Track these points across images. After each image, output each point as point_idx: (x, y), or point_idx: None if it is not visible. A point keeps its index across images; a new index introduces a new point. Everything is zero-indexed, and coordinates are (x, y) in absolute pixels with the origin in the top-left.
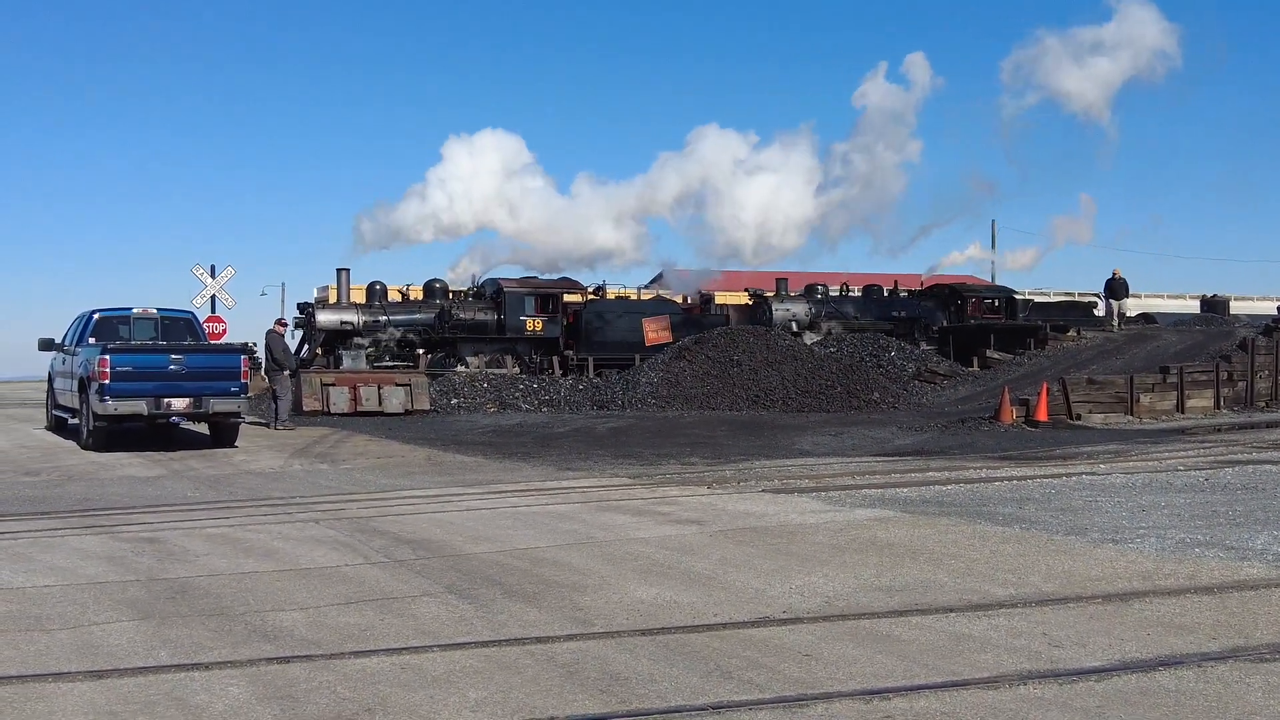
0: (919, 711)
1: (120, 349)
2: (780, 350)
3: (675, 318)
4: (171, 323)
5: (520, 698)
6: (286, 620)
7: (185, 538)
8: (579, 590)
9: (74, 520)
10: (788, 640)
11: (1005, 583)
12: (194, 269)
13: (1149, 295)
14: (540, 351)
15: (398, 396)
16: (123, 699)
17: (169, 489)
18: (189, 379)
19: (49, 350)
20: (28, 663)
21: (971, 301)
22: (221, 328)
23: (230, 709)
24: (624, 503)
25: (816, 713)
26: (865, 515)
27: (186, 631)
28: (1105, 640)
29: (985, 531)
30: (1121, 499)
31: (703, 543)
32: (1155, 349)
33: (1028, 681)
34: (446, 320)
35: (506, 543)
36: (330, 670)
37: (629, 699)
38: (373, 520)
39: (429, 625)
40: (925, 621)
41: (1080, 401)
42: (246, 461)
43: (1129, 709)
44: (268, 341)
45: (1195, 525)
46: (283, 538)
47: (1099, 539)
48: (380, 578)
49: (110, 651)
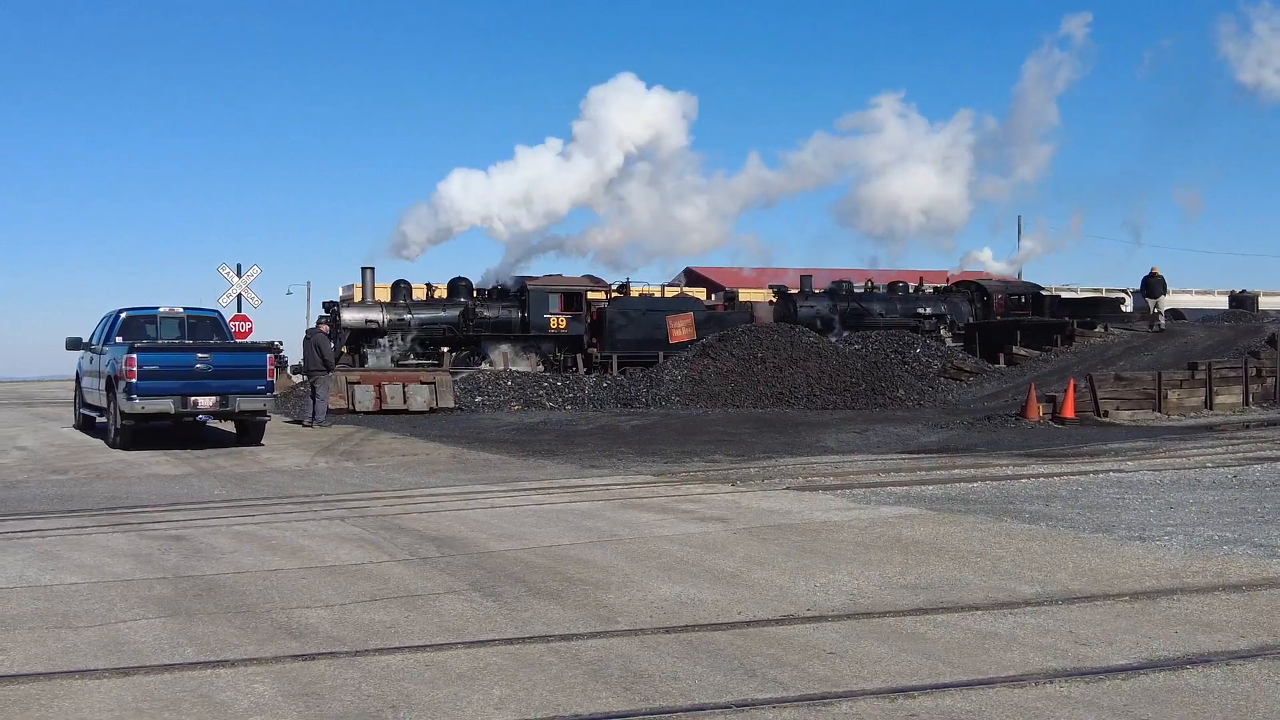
0: (944, 710)
1: (147, 348)
2: (804, 347)
3: (699, 315)
4: (198, 322)
5: (544, 695)
6: (312, 617)
7: (211, 535)
8: (603, 588)
9: (101, 518)
10: (812, 638)
11: (1032, 581)
12: (220, 268)
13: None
14: (564, 349)
15: (423, 394)
16: (149, 696)
17: (195, 487)
18: (215, 378)
19: (77, 349)
20: (55, 660)
21: (998, 298)
22: (247, 327)
23: (256, 706)
24: (648, 500)
25: (841, 711)
26: (890, 513)
27: (212, 629)
28: (1133, 639)
29: (1011, 529)
30: (1149, 496)
31: (727, 540)
32: (1183, 345)
33: (1054, 680)
34: (471, 318)
35: (530, 540)
36: (355, 667)
37: (653, 697)
38: (397, 517)
39: (453, 622)
40: (951, 620)
41: (1108, 398)
42: (272, 459)
43: (1156, 708)
44: (317, 341)
45: (1224, 522)
46: (308, 535)
47: (1126, 536)
48: (405, 575)
49: (137, 649)
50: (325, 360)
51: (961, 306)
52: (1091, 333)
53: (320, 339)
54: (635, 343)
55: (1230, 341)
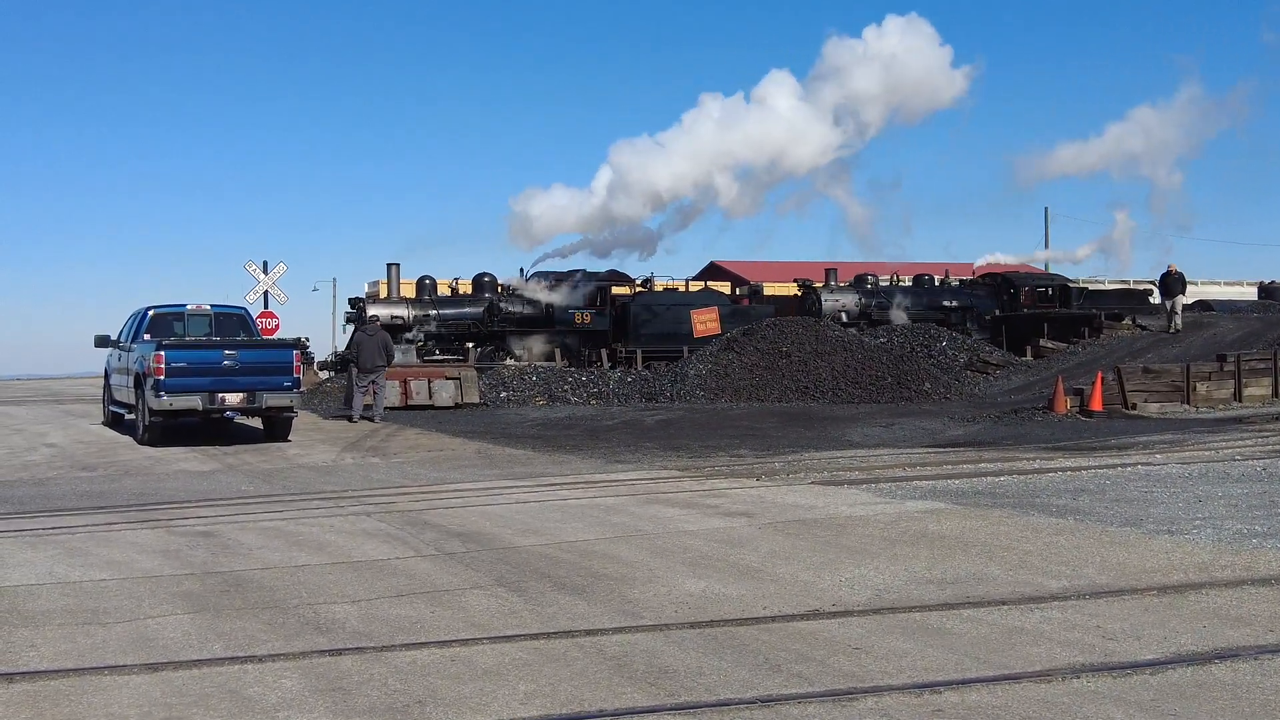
0: (970, 705)
1: (175, 345)
2: (830, 341)
3: (723, 309)
4: (225, 319)
5: (569, 690)
6: (338, 613)
7: (239, 531)
8: (627, 583)
9: (130, 514)
10: (837, 633)
11: (1059, 575)
12: (246, 265)
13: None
14: (589, 344)
15: (448, 390)
16: (177, 691)
17: (223, 483)
18: (243, 374)
19: (105, 347)
20: (84, 656)
21: (1025, 290)
22: (274, 323)
23: (283, 701)
24: (672, 495)
25: (866, 706)
26: (916, 507)
27: (240, 624)
28: (1160, 633)
29: (1038, 523)
30: (1177, 489)
31: (751, 535)
32: (1212, 337)
33: (1081, 675)
34: (495, 314)
35: (555, 535)
36: (381, 662)
37: (677, 692)
38: (423, 513)
39: (479, 618)
40: (977, 614)
41: (1135, 391)
42: (299, 455)
43: (1184, 702)
44: (384, 340)
45: (1253, 516)
46: (335, 531)
47: (1154, 530)
48: (430, 570)
49: (165, 644)
50: (390, 358)
51: (988, 300)
52: (1119, 325)
53: (387, 338)
54: (659, 337)
55: (1259, 333)
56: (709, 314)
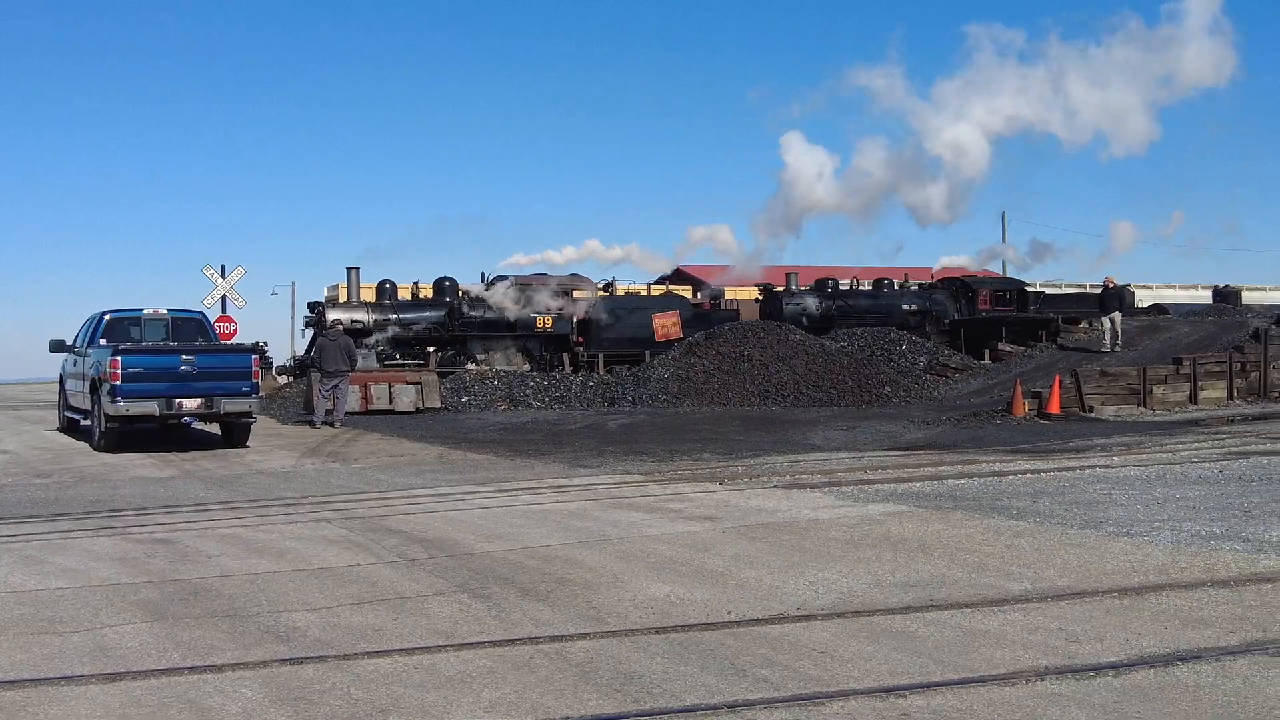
0: (935, 709)
1: (132, 350)
2: (791, 345)
3: (685, 313)
4: (182, 323)
5: (534, 697)
6: (299, 621)
7: (198, 538)
8: (592, 588)
9: (86, 522)
10: (802, 637)
11: (1020, 577)
12: (204, 269)
13: (1160, 286)
14: (551, 348)
15: (409, 395)
16: (135, 702)
17: (181, 489)
18: (200, 379)
19: (60, 352)
20: (40, 666)
21: (983, 294)
22: (232, 328)
23: (244, 711)
24: (636, 500)
25: (832, 711)
26: (878, 510)
27: (199, 633)
28: (1122, 635)
29: (999, 526)
30: (1136, 492)
31: (715, 539)
32: (1168, 340)
33: (1045, 677)
34: (457, 318)
35: (519, 541)
36: (343, 671)
37: (643, 698)
38: (385, 519)
39: (442, 625)
40: (940, 617)
41: (1093, 394)
42: (259, 461)
43: (1147, 704)
44: (346, 344)
45: (1211, 517)
46: (295, 538)
47: (1114, 532)
48: (393, 577)
49: (123, 654)
50: (353, 362)
51: (947, 303)
52: (1076, 328)
53: (349, 342)
54: (622, 341)
55: (1214, 336)
56: (671, 318)
